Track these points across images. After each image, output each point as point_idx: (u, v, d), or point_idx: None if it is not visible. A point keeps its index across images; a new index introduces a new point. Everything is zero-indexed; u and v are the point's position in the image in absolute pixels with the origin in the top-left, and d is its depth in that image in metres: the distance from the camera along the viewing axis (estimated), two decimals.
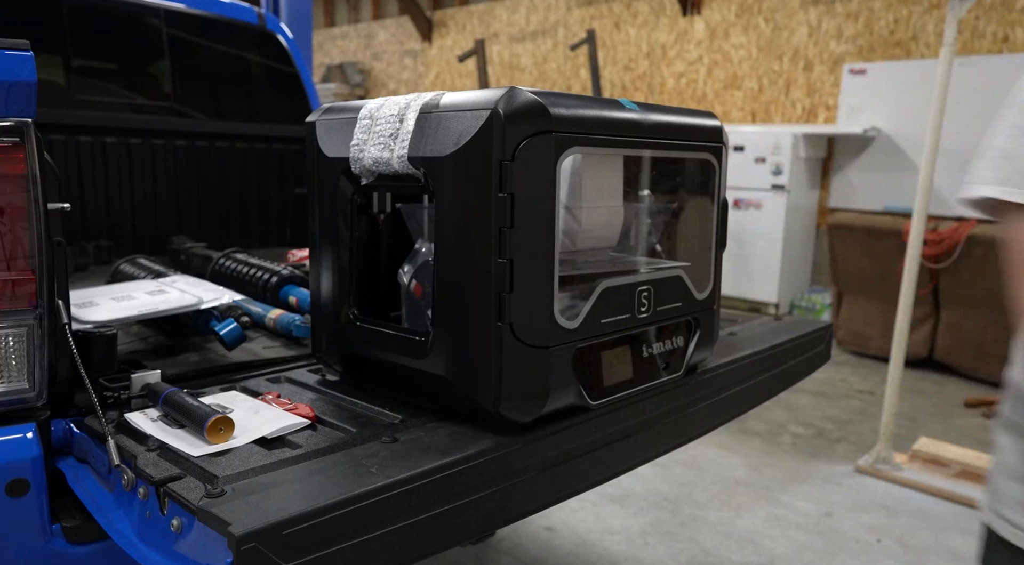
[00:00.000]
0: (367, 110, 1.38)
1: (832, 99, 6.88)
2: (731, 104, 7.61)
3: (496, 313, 1.20)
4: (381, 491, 1.02)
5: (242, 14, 2.94)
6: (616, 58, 8.55)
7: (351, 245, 1.46)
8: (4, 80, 1.25)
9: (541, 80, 9.43)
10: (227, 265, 2.19)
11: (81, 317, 1.57)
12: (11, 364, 1.27)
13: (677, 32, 7.98)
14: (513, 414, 1.24)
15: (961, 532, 3.02)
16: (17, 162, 1.25)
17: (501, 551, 2.77)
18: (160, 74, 2.87)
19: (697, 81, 7.87)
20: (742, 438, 4.02)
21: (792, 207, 6.48)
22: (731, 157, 6.52)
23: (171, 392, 1.32)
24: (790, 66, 7.14)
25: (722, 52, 7.63)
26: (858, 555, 2.83)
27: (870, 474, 3.56)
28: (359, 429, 1.26)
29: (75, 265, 2.52)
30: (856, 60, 6.66)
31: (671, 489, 3.35)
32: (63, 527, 1.28)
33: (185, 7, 2.80)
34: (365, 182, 1.40)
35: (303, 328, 1.81)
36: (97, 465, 1.29)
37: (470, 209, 1.21)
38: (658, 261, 1.60)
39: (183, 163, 2.84)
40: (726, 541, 2.91)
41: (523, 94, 1.19)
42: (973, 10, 5.89)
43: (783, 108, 7.23)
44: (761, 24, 7.31)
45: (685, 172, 1.63)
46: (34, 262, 1.26)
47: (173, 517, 1.05)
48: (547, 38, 9.35)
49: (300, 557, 0.93)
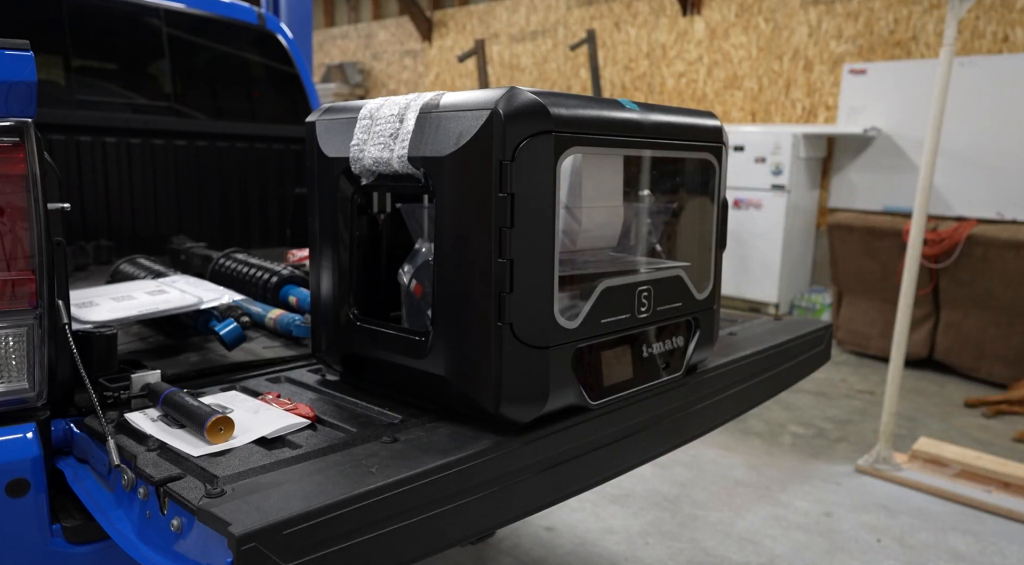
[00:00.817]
0: (367, 110, 1.38)
1: (832, 99, 6.88)
2: (731, 104, 7.61)
3: (496, 313, 1.20)
4: (381, 491, 1.02)
5: (242, 14, 2.94)
6: (616, 58, 8.55)
7: (351, 245, 1.46)
8: (4, 80, 1.25)
9: (541, 80, 9.43)
10: (227, 265, 2.20)
11: (81, 317, 1.57)
12: (11, 364, 1.27)
13: (677, 32, 7.98)
14: (513, 414, 1.24)
15: (961, 532, 3.02)
16: (17, 162, 1.25)
17: (501, 551, 2.77)
18: (160, 74, 2.87)
19: (697, 81, 7.87)
20: (742, 438, 4.02)
21: (792, 207, 6.48)
22: (731, 157, 6.52)
23: (171, 392, 1.32)
24: (790, 66, 7.14)
25: (722, 52, 7.63)
26: (858, 555, 2.83)
27: (870, 474, 3.56)
28: (359, 429, 1.26)
29: (75, 265, 2.52)
30: (856, 60, 6.66)
31: (671, 489, 3.35)
32: (63, 527, 1.28)
33: (185, 7, 2.80)
34: (365, 182, 1.40)
35: (303, 328, 1.81)
36: (97, 465, 1.29)
37: (470, 209, 1.21)
38: (658, 261, 1.60)
39: (183, 163, 2.84)
40: (726, 541, 2.91)
41: (523, 94, 1.19)
42: (973, 10, 5.89)
43: (783, 108, 7.23)
44: (761, 24, 7.31)
45: (685, 172, 1.63)
46: (34, 262, 1.26)
47: (173, 517, 1.06)
48: (547, 38, 9.35)
49: (300, 557, 0.93)
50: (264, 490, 1.01)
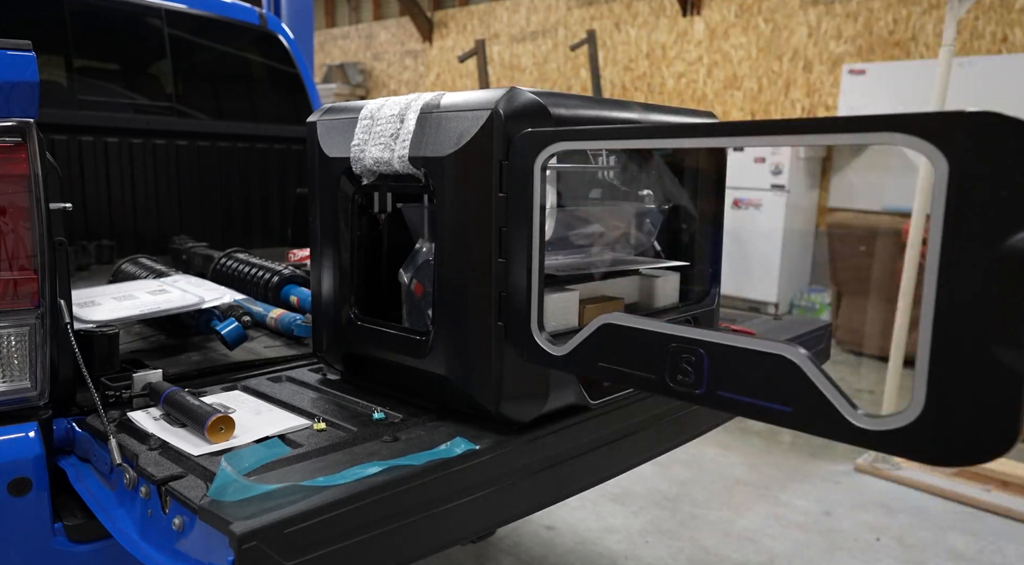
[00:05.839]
0: (368, 110, 1.39)
1: (831, 99, 6.88)
2: (731, 104, 7.61)
3: (496, 313, 1.20)
4: (381, 490, 1.03)
5: (243, 14, 2.94)
6: (616, 58, 8.55)
7: (352, 245, 1.47)
8: (7, 80, 1.26)
9: (541, 80, 9.43)
10: (228, 265, 2.20)
11: (83, 316, 1.57)
12: (13, 363, 1.27)
13: (677, 32, 7.98)
14: (513, 413, 1.25)
15: (960, 531, 3.03)
16: (19, 162, 1.25)
17: (502, 549, 2.78)
18: (162, 74, 2.87)
19: (697, 81, 7.87)
20: (742, 437, 4.02)
21: (792, 207, 6.48)
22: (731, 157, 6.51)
23: (172, 391, 1.32)
24: (790, 66, 7.14)
25: (722, 52, 7.63)
26: (857, 554, 2.84)
27: (869, 473, 3.56)
28: (360, 428, 1.27)
29: (77, 265, 2.53)
30: (855, 60, 6.67)
31: (671, 488, 3.35)
32: (65, 526, 1.28)
33: (186, 8, 2.80)
34: (366, 182, 1.41)
35: (304, 327, 1.82)
36: (99, 464, 1.30)
37: (470, 209, 1.21)
38: (658, 261, 1.61)
39: (184, 163, 2.84)
40: (726, 540, 2.91)
41: (524, 94, 1.20)
42: (972, 10, 5.89)
43: (782, 108, 7.24)
44: (761, 24, 7.31)
45: (684, 172, 1.64)
46: (36, 262, 1.27)
47: (175, 516, 1.06)
48: (547, 38, 9.35)
49: (301, 556, 0.93)
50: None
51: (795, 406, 0.87)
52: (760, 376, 0.89)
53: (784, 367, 0.87)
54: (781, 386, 0.87)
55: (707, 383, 0.95)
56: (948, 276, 0.75)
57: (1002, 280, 0.72)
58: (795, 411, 0.87)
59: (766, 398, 0.89)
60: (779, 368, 0.87)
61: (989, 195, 0.72)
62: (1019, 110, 0.75)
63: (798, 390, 0.86)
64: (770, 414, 0.89)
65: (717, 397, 0.94)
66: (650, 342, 1.02)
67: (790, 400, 0.87)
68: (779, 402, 0.88)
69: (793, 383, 0.86)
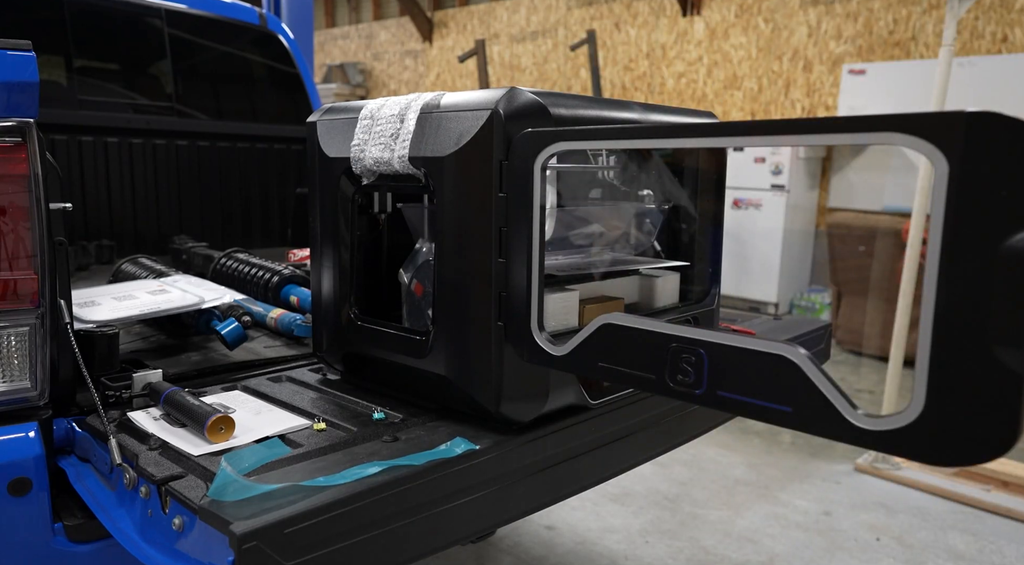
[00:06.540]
0: (368, 110, 1.39)
1: (831, 99, 6.88)
2: (731, 104, 7.61)
3: (496, 312, 1.20)
4: (381, 490, 1.03)
5: (243, 14, 2.95)
6: (616, 58, 8.55)
7: (352, 245, 1.47)
8: (6, 80, 1.26)
9: (541, 80, 9.43)
10: (228, 265, 2.20)
11: (83, 316, 1.58)
12: (13, 363, 1.27)
13: (677, 32, 7.98)
14: (513, 413, 1.25)
15: (960, 530, 3.03)
16: (19, 162, 1.25)
17: (501, 549, 2.78)
18: (162, 74, 2.87)
19: (697, 81, 7.87)
20: (742, 437, 4.02)
21: (791, 207, 6.49)
22: (731, 157, 6.51)
23: (172, 391, 1.32)
24: (790, 66, 7.14)
25: (722, 52, 7.63)
26: (857, 553, 2.84)
27: (869, 473, 3.56)
28: (360, 428, 1.27)
29: (77, 265, 2.53)
30: (855, 60, 6.67)
31: (671, 488, 3.35)
32: (65, 526, 1.28)
33: (186, 8, 2.80)
34: (366, 182, 1.41)
35: (304, 327, 1.82)
36: (99, 464, 1.30)
37: (470, 209, 1.21)
38: (657, 261, 1.61)
39: (184, 163, 2.84)
40: (726, 540, 2.91)
41: (523, 94, 1.20)
42: (972, 10, 5.89)
43: (782, 108, 7.24)
44: (761, 24, 7.31)
45: (684, 172, 1.64)
46: (36, 262, 1.27)
47: (175, 516, 1.06)
48: (547, 38, 9.35)
49: (301, 556, 0.93)
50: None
51: (795, 406, 0.87)
52: (760, 376, 0.89)
53: (784, 367, 0.87)
54: (781, 386, 0.87)
55: (707, 383, 0.95)
56: (948, 276, 0.75)
57: (1002, 280, 0.72)
58: (795, 411, 0.87)
59: (766, 398, 0.89)
60: (779, 368, 0.87)
61: (989, 195, 0.72)
62: (1019, 110, 0.75)
63: (798, 390, 0.86)
64: (770, 414, 0.89)
65: (717, 397, 0.94)
66: (650, 342, 1.01)
67: (790, 400, 0.87)
68: (779, 402, 0.88)
69: (793, 383, 0.86)
